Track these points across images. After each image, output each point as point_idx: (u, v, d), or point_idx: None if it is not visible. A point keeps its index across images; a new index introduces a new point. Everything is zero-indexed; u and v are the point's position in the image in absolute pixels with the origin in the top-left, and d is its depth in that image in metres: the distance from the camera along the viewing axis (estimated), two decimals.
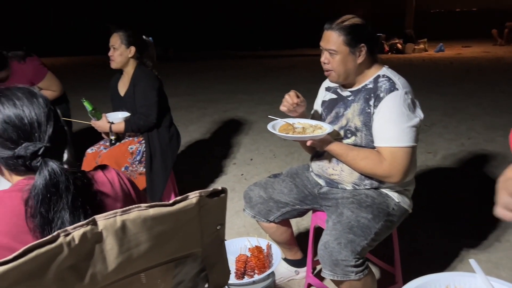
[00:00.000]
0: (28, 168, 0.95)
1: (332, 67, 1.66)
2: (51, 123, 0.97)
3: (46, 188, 0.90)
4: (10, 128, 0.93)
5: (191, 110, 6.31)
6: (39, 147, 0.92)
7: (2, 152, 0.94)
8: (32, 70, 2.89)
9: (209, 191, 0.93)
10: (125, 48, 2.50)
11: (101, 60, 4.53)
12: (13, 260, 0.70)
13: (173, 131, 2.75)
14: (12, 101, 0.95)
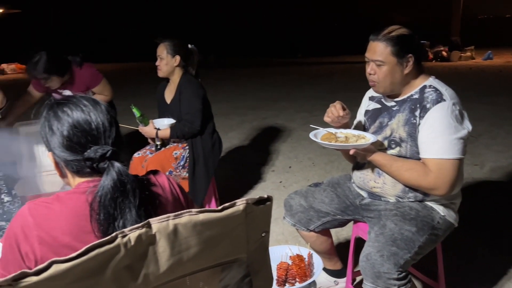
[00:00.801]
0: (94, 170, 1.00)
1: (378, 78, 1.64)
2: (113, 129, 1.03)
3: (113, 187, 0.95)
4: (79, 133, 0.99)
5: (231, 116, 6.40)
6: (107, 150, 0.98)
7: (70, 155, 1.00)
8: (89, 76, 3.03)
9: (255, 199, 0.95)
10: (170, 58, 2.60)
11: (147, 66, 4.70)
12: (76, 257, 0.76)
13: (216, 138, 2.82)
14: (80, 108, 1.01)
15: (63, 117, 1.00)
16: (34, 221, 0.94)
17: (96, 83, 3.05)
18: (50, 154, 1.05)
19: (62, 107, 1.01)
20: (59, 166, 1.06)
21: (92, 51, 19.85)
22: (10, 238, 0.95)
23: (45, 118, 1.03)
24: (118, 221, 0.96)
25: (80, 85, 2.97)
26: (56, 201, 0.98)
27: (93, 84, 3.04)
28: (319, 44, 20.86)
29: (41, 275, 0.73)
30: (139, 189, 0.99)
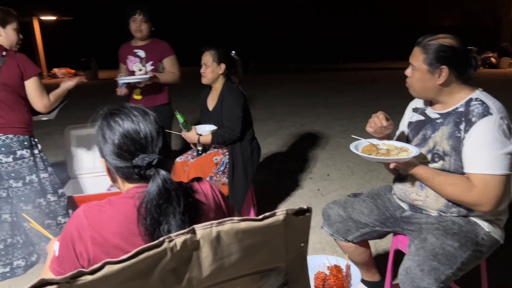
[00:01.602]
0: (141, 177, 1.06)
1: (410, 82, 1.68)
2: (160, 138, 1.08)
3: (159, 194, 1.00)
4: (129, 141, 1.05)
5: (268, 122, 6.45)
6: (153, 158, 1.03)
7: (120, 162, 1.06)
8: (163, 47, 3.19)
9: (295, 209, 0.98)
10: (216, 65, 2.68)
11: (190, 72, 4.83)
12: (127, 259, 0.81)
13: (255, 144, 2.86)
14: (130, 118, 1.07)
15: (115, 126, 1.07)
16: (88, 223, 1.01)
17: (167, 55, 3.17)
18: (103, 161, 1.12)
19: (114, 117, 1.08)
20: (110, 172, 1.13)
21: None
22: (66, 237, 1.02)
23: (99, 127, 1.09)
24: (163, 226, 1.01)
25: (154, 52, 3.15)
26: (108, 205, 1.05)
27: (165, 54, 3.17)
28: (362, 49, 20.56)
29: (96, 274, 0.79)
30: (183, 196, 1.04)
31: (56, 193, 2.42)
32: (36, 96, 2.27)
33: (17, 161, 2.24)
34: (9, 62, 2.19)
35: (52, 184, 2.40)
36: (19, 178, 2.26)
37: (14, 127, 2.23)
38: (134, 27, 3.09)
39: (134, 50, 3.16)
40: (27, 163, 2.27)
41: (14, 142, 2.23)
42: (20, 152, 2.24)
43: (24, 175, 2.27)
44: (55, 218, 2.41)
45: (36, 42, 15.72)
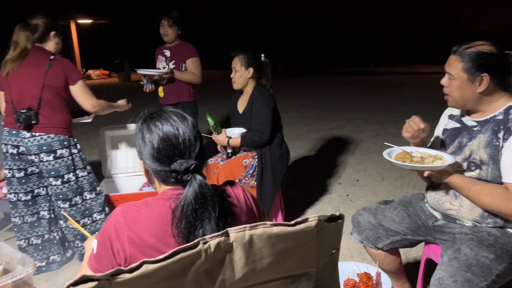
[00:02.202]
0: (178, 181, 1.08)
1: (449, 91, 1.63)
2: (197, 143, 1.11)
3: (195, 199, 1.02)
4: (167, 146, 1.07)
5: (297, 126, 6.43)
6: (191, 164, 1.05)
7: (158, 166, 1.09)
8: (188, 48, 3.35)
9: (328, 216, 0.98)
10: (244, 70, 2.70)
11: (220, 75, 4.88)
12: (163, 259, 0.83)
13: (284, 148, 2.87)
14: (170, 123, 1.09)
15: (154, 130, 1.09)
16: (125, 222, 1.04)
17: (190, 56, 3.33)
18: (141, 163, 1.15)
19: (154, 121, 1.10)
20: (148, 173, 1.15)
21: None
22: (104, 236, 1.06)
23: (139, 130, 1.12)
24: (198, 230, 1.03)
25: (179, 53, 3.34)
26: (145, 206, 1.08)
27: (188, 56, 3.34)
28: (392, 53, 20.22)
29: (133, 273, 0.82)
30: (218, 202, 1.06)
31: (94, 191, 2.51)
32: (84, 98, 2.39)
33: (57, 160, 2.33)
34: (56, 66, 2.30)
35: (90, 182, 2.48)
36: (58, 177, 2.35)
37: (55, 127, 2.33)
38: (162, 31, 3.32)
39: (163, 50, 3.40)
40: (66, 162, 2.36)
41: (55, 141, 2.32)
42: (60, 151, 2.34)
43: (62, 174, 2.36)
44: (91, 215, 2.50)
45: (73, 44, 16.31)
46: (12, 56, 2.28)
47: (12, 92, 2.30)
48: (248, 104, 2.75)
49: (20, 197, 2.43)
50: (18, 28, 2.30)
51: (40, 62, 2.29)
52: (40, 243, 2.51)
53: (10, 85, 2.30)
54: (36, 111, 2.27)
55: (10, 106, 2.31)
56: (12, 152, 2.34)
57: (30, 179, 2.43)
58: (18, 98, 2.28)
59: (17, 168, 2.38)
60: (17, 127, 2.29)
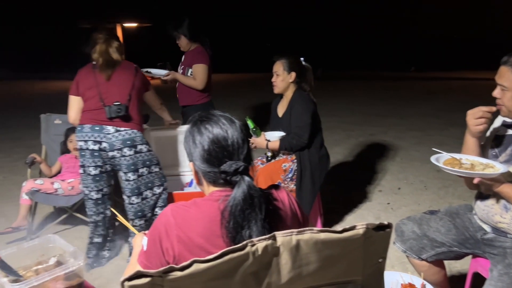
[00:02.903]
0: (226, 182, 1.11)
1: (502, 102, 1.56)
2: (245, 145, 1.13)
3: (244, 200, 1.04)
4: (217, 148, 1.10)
5: (336, 131, 6.36)
6: (240, 165, 1.08)
7: (208, 167, 1.12)
8: (197, 53, 3.44)
9: (376, 224, 0.97)
10: (286, 74, 2.71)
11: (259, 78, 4.91)
12: (213, 259, 0.85)
13: (323, 152, 2.85)
14: (219, 125, 1.12)
15: (205, 132, 1.12)
16: (175, 222, 1.07)
17: (196, 62, 3.41)
18: (191, 164, 1.18)
19: (204, 124, 1.14)
20: (197, 175, 1.19)
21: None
22: (155, 234, 1.09)
23: (190, 132, 1.16)
24: (245, 231, 1.05)
25: (187, 59, 3.47)
26: (194, 206, 1.11)
27: (194, 61, 3.43)
28: (435, 58, 19.61)
29: (185, 271, 0.84)
30: (265, 203, 1.08)
31: (162, 186, 2.62)
32: (155, 98, 2.75)
33: (136, 154, 2.46)
34: (139, 72, 2.61)
35: (159, 178, 2.60)
36: (135, 171, 2.47)
37: (137, 123, 2.49)
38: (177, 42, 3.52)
39: (183, 55, 3.59)
40: (143, 157, 2.49)
41: (137, 136, 2.46)
42: (140, 147, 2.47)
43: (138, 168, 2.48)
44: (153, 210, 2.61)
45: None
46: (105, 64, 2.46)
47: (101, 90, 2.42)
48: (288, 108, 2.76)
49: (92, 195, 2.54)
50: (105, 40, 2.52)
51: (129, 67, 2.55)
52: (101, 241, 2.63)
53: (99, 85, 2.43)
54: (126, 105, 2.43)
55: (96, 103, 2.42)
56: (92, 148, 2.42)
57: (103, 178, 2.53)
58: (108, 94, 2.43)
59: (94, 166, 2.47)
60: (103, 122, 2.40)
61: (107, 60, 2.47)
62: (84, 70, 2.51)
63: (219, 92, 13.10)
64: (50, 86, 16.52)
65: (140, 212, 2.55)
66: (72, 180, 3.00)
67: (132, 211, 2.54)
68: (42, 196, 2.94)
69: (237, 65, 21.07)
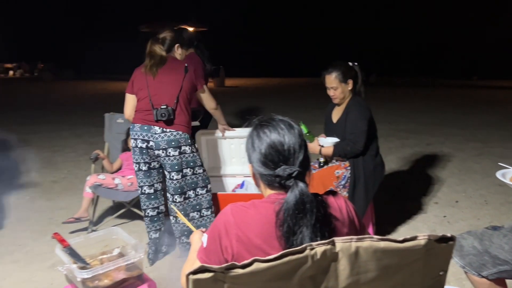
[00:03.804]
0: (281, 185, 1.14)
1: None
2: (302, 151, 1.15)
3: (295, 205, 1.07)
4: (274, 152, 1.14)
5: (390, 139, 6.19)
6: (294, 170, 1.10)
7: (264, 170, 1.15)
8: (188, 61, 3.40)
9: (438, 236, 0.95)
10: (344, 85, 2.68)
11: (311, 82, 4.89)
12: (273, 260, 0.88)
13: (378, 160, 2.79)
14: (277, 130, 1.16)
15: (263, 136, 1.16)
16: (234, 221, 1.11)
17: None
18: (250, 166, 1.22)
19: (263, 128, 1.18)
20: (255, 177, 1.22)
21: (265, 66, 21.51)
22: (214, 231, 1.14)
23: (250, 136, 1.20)
24: (297, 235, 1.07)
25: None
26: (252, 207, 1.14)
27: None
28: (499, 66, 18.49)
29: (246, 269, 0.88)
30: (316, 209, 1.09)
31: (206, 188, 2.71)
32: (208, 98, 2.75)
33: (180, 155, 2.56)
34: (190, 72, 2.61)
35: (203, 179, 2.69)
36: (179, 171, 2.57)
37: (183, 125, 2.58)
38: None
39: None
40: (187, 158, 2.58)
41: (182, 138, 2.56)
42: (184, 148, 2.57)
43: (182, 168, 2.58)
44: (200, 211, 2.69)
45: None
46: (152, 63, 2.58)
47: (151, 92, 2.55)
48: (343, 114, 2.73)
49: (144, 190, 2.68)
50: (151, 42, 2.63)
51: (178, 68, 2.60)
52: (157, 237, 2.75)
53: (149, 86, 2.56)
54: (173, 108, 2.53)
55: (147, 104, 2.55)
56: (141, 146, 2.58)
57: (152, 174, 2.66)
58: (157, 97, 2.54)
59: (144, 162, 2.62)
60: (151, 123, 2.53)
61: (152, 58, 2.59)
62: (138, 70, 2.65)
63: (274, 96, 13.21)
64: (111, 86, 17.46)
65: (182, 211, 2.64)
66: (131, 176, 3.15)
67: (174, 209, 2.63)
68: (103, 191, 3.12)
69: (292, 69, 21.13)
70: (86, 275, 1.50)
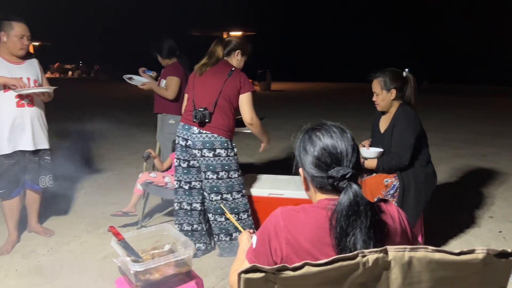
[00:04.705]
0: (334, 188, 1.14)
1: None
2: (355, 154, 1.16)
3: (349, 206, 1.06)
4: (326, 154, 1.15)
5: (442, 148, 5.95)
6: (348, 172, 1.10)
7: (317, 172, 1.16)
8: (170, 68, 3.63)
9: (498, 250, 0.91)
10: (386, 93, 2.60)
11: (356, 88, 4.81)
12: (324, 264, 0.88)
13: (430, 170, 2.69)
14: (330, 134, 1.17)
15: (315, 140, 1.17)
16: (284, 224, 1.12)
17: (170, 74, 3.59)
18: (301, 170, 1.22)
19: (315, 132, 1.19)
20: (306, 181, 1.23)
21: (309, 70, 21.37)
22: (264, 233, 1.15)
23: (301, 140, 1.22)
24: (350, 237, 1.06)
25: (164, 71, 3.70)
26: (302, 211, 1.14)
27: (167, 74, 3.62)
28: None
29: (296, 271, 0.89)
30: (371, 212, 1.08)
31: (241, 192, 2.75)
32: (247, 108, 2.67)
33: (215, 157, 2.64)
34: (234, 76, 2.66)
35: (239, 184, 2.73)
36: (214, 172, 2.65)
37: (220, 128, 2.64)
38: None
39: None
40: (222, 161, 2.65)
41: (217, 141, 2.63)
42: (218, 150, 2.64)
43: (217, 170, 2.65)
44: (238, 214, 2.73)
45: None
46: (204, 62, 2.71)
47: (195, 93, 2.69)
48: (390, 125, 2.63)
49: (182, 184, 2.80)
50: (215, 42, 2.76)
51: (223, 71, 2.66)
52: (189, 230, 2.83)
53: (194, 88, 2.71)
54: (210, 111, 2.61)
55: (191, 105, 2.70)
56: (181, 144, 2.73)
57: (190, 171, 2.77)
58: (198, 98, 2.67)
59: (183, 159, 2.75)
60: (191, 123, 2.66)
61: (210, 57, 2.70)
62: (193, 72, 2.78)
63: (319, 100, 13.12)
64: None
65: (219, 209, 2.70)
66: None
67: (212, 207, 2.71)
68: (153, 188, 3.25)
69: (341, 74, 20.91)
70: (139, 268, 1.57)
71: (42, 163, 3.00)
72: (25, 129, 2.84)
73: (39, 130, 2.92)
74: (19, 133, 2.83)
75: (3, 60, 2.80)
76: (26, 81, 2.82)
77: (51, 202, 3.64)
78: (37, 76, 2.93)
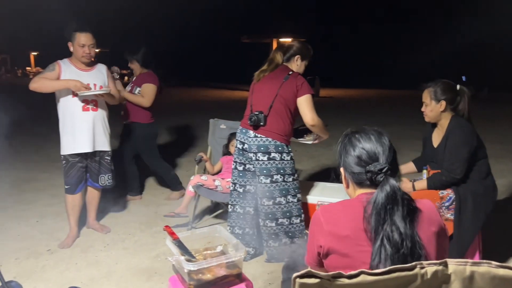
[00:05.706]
0: (372, 183, 1.25)
1: None
2: (391, 154, 1.28)
3: (386, 197, 1.17)
4: (365, 153, 1.28)
5: (503, 160, 5.62)
6: (384, 166, 1.23)
7: (356, 168, 1.28)
8: (145, 76, 3.85)
9: None
10: (435, 104, 2.50)
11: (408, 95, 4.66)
12: (380, 274, 0.88)
13: (489, 182, 2.55)
14: (368, 136, 1.30)
15: (355, 142, 1.31)
16: (324, 219, 1.24)
17: (146, 82, 3.80)
18: (342, 169, 1.34)
19: (355, 135, 1.32)
20: (346, 178, 1.35)
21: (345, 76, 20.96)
22: (310, 233, 1.28)
23: (342, 142, 1.35)
24: (386, 224, 1.15)
25: (138, 79, 3.89)
26: (341, 204, 1.29)
27: (144, 81, 3.82)
28: None
29: (352, 279, 0.89)
30: (407, 201, 1.20)
31: (296, 196, 2.76)
32: (307, 110, 2.67)
33: (269, 161, 2.68)
34: (291, 80, 2.69)
35: (293, 188, 2.75)
36: (268, 176, 2.69)
37: (275, 133, 2.68)
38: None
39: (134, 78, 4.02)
40: (276, 165, 2.68)
41: (271, 145, 2.68)
42: (273, 154, 2.68)
43: (272, 174, 2.68)
44: (290, 218, 2.75)
45: None
46: (263, 68, 2.80)
47: (253, 98, 2.78)
48: (444, 138, 2.51)
49: (237, 187, 2.86)
50: (275, 49, 2.85)
51: (280, 76, 2.72)
52: (240, 233, 2.87)
53: (253, 93, 2.80)
54: (265, 115, 2.67)
55: (249, 109, 2.78)
56: (239, 147, 2.81)
57: (246, 175, 2.82)
58: (256, 103, 2.74)
59: (240, 162, 2.82)
60: (248, 127, 2.73)
61: (270, 64, 2.77)
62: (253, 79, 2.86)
63: (368, 108, 12.83)
64: (212, 93, 18.46)
65: (271, 214, 2.71)
66: (230, 179, 3.31)
67: (263, 212, 2.73)
68: (204, 191, 3.33)
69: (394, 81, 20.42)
70: (192, 268, 1.62)
71: (102, 163, 3.20)
72: (87, 132, 3.03)
73: (101, 133, 3.11)
74: (82, 135, 3.02)
75: (74, 67, 3.03)
76: (93, 86, 3.01)
77: (109, 200, 3.83)
78: (103, 82, 3.12)
